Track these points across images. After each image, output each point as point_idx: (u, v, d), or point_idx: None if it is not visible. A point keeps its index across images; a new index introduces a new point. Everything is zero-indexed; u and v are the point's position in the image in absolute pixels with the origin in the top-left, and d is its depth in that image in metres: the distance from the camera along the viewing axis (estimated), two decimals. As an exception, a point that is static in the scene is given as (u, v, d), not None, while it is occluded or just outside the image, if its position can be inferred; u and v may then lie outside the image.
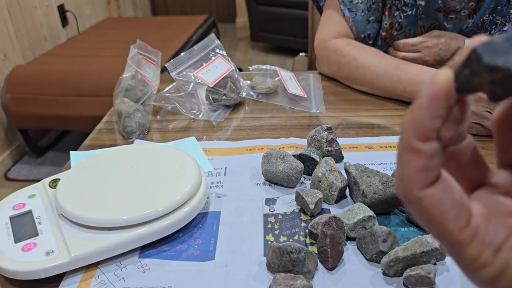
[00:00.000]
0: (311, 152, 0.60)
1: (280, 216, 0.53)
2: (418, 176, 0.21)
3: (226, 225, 0.52)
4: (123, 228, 0.47)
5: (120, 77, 0.77)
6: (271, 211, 0.54)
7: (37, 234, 0.47)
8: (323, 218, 0.48)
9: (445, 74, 0.20)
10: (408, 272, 0.42)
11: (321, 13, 1.01)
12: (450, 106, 0.20)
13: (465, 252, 0.21)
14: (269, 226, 0.52)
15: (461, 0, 0.84)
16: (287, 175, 0.56)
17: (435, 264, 0.44)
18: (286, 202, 0.55)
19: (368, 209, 0.49)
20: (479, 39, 0.19)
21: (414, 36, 0.92)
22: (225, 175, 0.62)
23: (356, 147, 0.67)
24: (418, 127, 0.20)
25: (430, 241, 0.43)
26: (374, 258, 0.45)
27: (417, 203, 0.21)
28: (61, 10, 2.64)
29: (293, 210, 0.54)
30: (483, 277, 0.21)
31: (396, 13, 0.91)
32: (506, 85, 0.19)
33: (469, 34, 0.90)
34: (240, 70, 1.02)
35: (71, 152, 0.68)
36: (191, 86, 0.83)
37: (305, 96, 0.84)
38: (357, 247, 0.48)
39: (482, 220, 0.21)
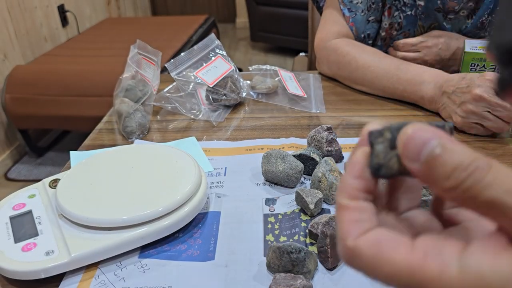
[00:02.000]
0: (311, 152, 0.60)
1: (280, 216, 0.53)
2: (351, 228, 0.22)
3: (226, 225, 0.52)
4: (123, 228, 0.47)
5: (120, 77, 0.77)
6: (271, 211, 0.54)
7: (37, 234, 0.47)
8: (323, 218, 0.48)
9: (362, 151, 0.23)
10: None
11: (321, 13, 1.01)
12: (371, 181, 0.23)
13: (425, 276, 0.19)
14: (269, 226, 0.52)
15: (460, 0, 0.85)
16: (287, 175, 0.56)
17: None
18: (286, 202, 0.55)
19: (368, 209, 0.49)
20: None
21: (414, 36, 0.92)
22: (225, 175, 0.62)
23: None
24: (345, 187, 0.23)
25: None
26: (374, 258, 0.45)
27: (356, 254, 0.21)
28: (61, 10, 2.64)
29: (293, 210, 0.54)
30: None
31: (396, 13, 0.91)
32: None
33: (468, 34, 0.90)
34: (240, 70, 1.02)
35: (71, 152, 0.68)
36: (191, 86, 0.83)
37: (305, 96, 0.84)
38: (357, 247, 0.48)
39: (428, 241, 0.21)
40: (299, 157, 0.60)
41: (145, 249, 0.49)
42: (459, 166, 0.19)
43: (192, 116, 0.79)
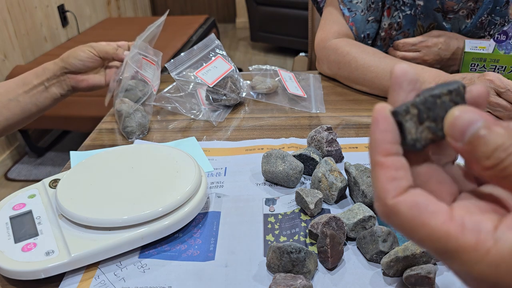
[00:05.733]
0: (311, 152, 0.60)
1: (280, 216, 0.53)
2: (389, 186, 0.22)
3: (226, 225, 0.52)
4: (123, 228, 0.47)
5: (120, 77, 0.77)
6: (271, 211, 0.54)
7: (37, 234, 0.47)
8: (323, 218, 0.48)
9: (382, 105, 0.24)
10: (408, 272, 0.42)
11: (321, 13, 1.01)
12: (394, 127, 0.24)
13: (461, 245, 0.20)
14: (269, 226, 0.52)
15: (459, 0, 0.84)
16: (287, 175, 0.56)
17: (435, 264, 0.44)
18: (286, 202, 0.55)
19: (368, 209, 0.49)
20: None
21: (413, 36, 0.92)
22: (225, 175, 0.62)
23: (356, 147, 0.67)
24: (376, 145, 0.23)
25: (430, 241, 0.43)
26: (374, 258, 0.45)
27: (394, 212, 0.22)
28: (61, 10, 2.64)
29: (293, 210, 0.54)
30: (491, 262, 0.20)
31: (395, 13, 0.91)
32: (430, 114, 0.24)
33: (468, 34, 0.90)
34: (240, 70, 1.03)
35: (71, 152, 0.68)
36: (191, 86, 0.83)
37: (305, 96, 0.84)
38: (357, 247, 0.48)
39: (465, 213, 0.21)
40: (299, 157, 0.60)
41: (145, 249, 0.49)
42: (500, 147, 0.21)
43: (192, 116, 0.79)
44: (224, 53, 0.85)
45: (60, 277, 0.45)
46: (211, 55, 0.84)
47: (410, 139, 0.24)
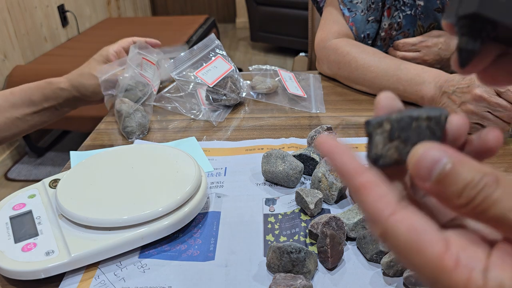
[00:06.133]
0: (311, 152, 0.60)
1: (280, 216, 0.53)
2: (380, 205, 0.21)
3: (226, 225, 0.52)
4: (123, 228, 0.47)
5: (120, 77, 0.77)
6: (271, 211, 0.54)
7: (37, 234, 0.47)
8: (323, 218, 0.48)
9: (324, 139, 0.23)
10: (408, 272, 0.42)
11: (321, 13, 1.01)
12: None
13: (453, 279, 0.20)
14: (269, 226, 0.52)
15: (461, 0, 0.84)
16: (287, 175, 0.56)
17: (435, 264, 0.44)
18: (286, 202, 0.55)
19: (368, 209, 0.49)
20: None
21: (413, 36, 0.92)
22: (225, 175, 0.62)
23: (356, 147, 0.67)
24: (345, 169, 0.22)
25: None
26: (374, 258, 0.45)
27: (391, 232, 0.21)
28: (61, 10, 2.64)
29: (293, 210, 0.54)
30: None
31: (395, 13, 0.91)
32: (404, 134, 0.23)
33: (468, 34, 0.90)
34: (240, 70, 1.03)
35: (71, 152, 0.68)
36: (191, 86, 0.83)
37: (305, 96, 0.84)
38: (357, 247, 0.48)
39: (459, 246, 0.21)
40: (299, 157, 0.60)
41: (145, 249, 0.49)
42: (469, 184, 0.20)
43: (192, 116, 0.79)
44: (224, 53, 0.85)
45: (60, 277, 0.45)
46: (211, 55, 0.84)
47: (374, 153, 0.23)
